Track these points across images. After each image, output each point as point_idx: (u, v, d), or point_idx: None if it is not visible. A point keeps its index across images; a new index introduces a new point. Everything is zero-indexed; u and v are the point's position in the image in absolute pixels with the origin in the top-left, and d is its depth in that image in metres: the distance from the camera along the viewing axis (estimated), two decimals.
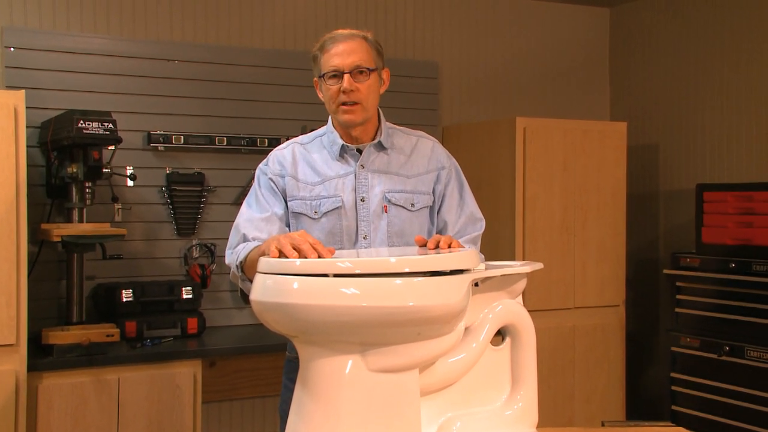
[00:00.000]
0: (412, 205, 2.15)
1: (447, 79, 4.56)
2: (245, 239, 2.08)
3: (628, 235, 4.35)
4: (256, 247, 1.96)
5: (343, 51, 2.07)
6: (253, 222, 2.10)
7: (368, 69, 2.08)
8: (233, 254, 2.07)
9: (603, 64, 5.09)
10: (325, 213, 2.11)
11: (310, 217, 2.12)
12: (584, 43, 5.01)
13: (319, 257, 1.63)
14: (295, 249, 1.66)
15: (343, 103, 2.08)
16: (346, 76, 2.06)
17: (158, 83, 3.76)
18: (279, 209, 2.13)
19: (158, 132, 3.72)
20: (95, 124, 3.16)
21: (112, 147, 3.38)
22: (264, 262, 1.64)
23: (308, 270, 1.56)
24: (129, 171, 3.62)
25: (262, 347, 3.39)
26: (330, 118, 2.20)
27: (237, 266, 2.03)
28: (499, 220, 4.02)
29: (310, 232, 2.08)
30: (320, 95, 2.17)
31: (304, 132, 3.84)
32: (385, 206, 2.12)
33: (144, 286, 3.49)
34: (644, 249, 4.79)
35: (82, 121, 3.13)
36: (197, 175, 3.80)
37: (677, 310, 3.99)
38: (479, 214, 2.25)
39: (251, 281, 1.94)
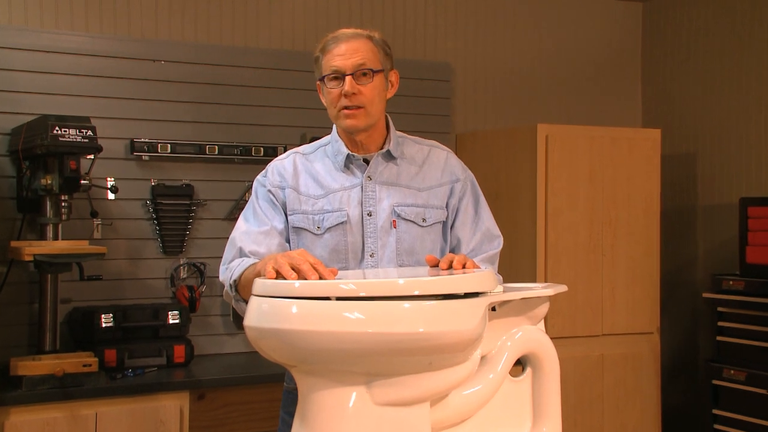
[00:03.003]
0: (424, 220, 2.17)
1: (461, 81, 4.59)
2: (242, 253, 2.10)
3: (663, 254, 4.35)
4: (252, 265, 1.98)
5: (346, 51, 2.10)
6: (250, 235, 2.12)
7: (372, 70, 2.11)
8: (227, 271, 2.09)
9: (634, 64, 5.11)
10: (329, 228, 2.13)
11: (313, 233, 2.14)
12: (613, 41, 5.03)
13: (320, 278, 1.65)
14: (293, 269, 1.68)
15: (345, 108, 2.11)
16: (348, 78, 2.09)
17: (143, 86, 3.79)
18: (279, 223, 2.16)
19: (142, 140, 3.74)
20: (72, 131, 3.18)
21: (91, 156, 3.40)
22: (259, 284, 1.65)
23: (308, 293, 1.57)
24: (110, 183, 3.64)
25: (257, 378, 3.40)
26: (334, 125, 2.23)
27: (230, 285, 2.05)
28: (518, 237, 4.03)
29: (312, 249, 2.10)
30: (323, 100, 2.20)
31: (303, 140, 3.89)
32: (394, 221, 2.15)
33: (125, 310, 3.50)
34: (681, 270, 4.78)
35: (57, 128, 3.16)
36: (185, 188, 3.82)
37: (719, 338, 3.98)
38: (496, 231, 2.27)
39: (246, 301, 1.96)
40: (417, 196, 2.19)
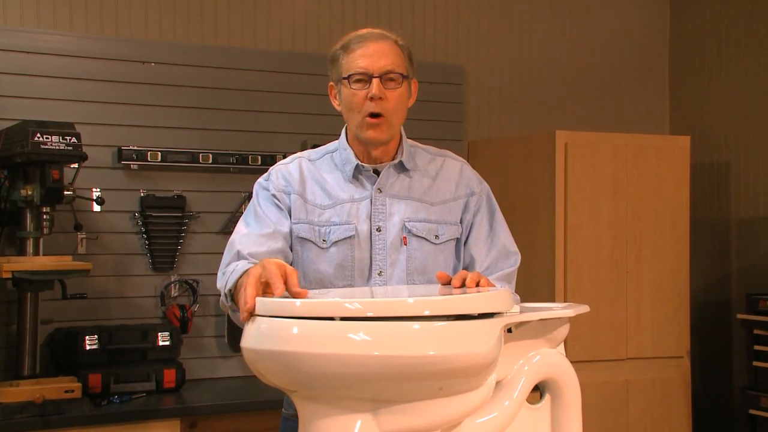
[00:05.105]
0: (437, 236, 2.18)
1: (474, 85, 4.60)
2: (240, 257, 2.07)
3: (693, 271, 4.34)
4: (247, 272, 1.96)
5: (374, 52, 2.10)
6: (251, 237, 2.10)
7: (401, 75, 2.12)
8: (224, 276, 2.05)
9: (661, 65, 5.12)
10: (335, 242, 2.14)
11: (318, 246, 2.15)
12: (638, 40, 5.05)
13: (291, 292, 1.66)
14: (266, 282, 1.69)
15: (370, 115, 2.10)
16: (375, 81, 2.09)
17: (131, 89, 3.81)
18: (284, 227, 2.15)
19: (131, 147, 3.76)
20: (55, 138, 3.21)
21: (76, 165, 3.42)
22: (258, 302, 1.66)
23: (311, 312, 1.58)
24: (95, 194, 3.66)
25: (254, 404, 3.40)
26: (343, 131, 2.23)
27: (226, 294, 2.02)
28: (536, 253, 4.04)
29: (316, 263, 2.12)
30: (335, 104, 2.21)
31: (304, 148, 3.89)
32: (405, 237, 2.16)
33: (111, 331, 3.51)
34: (713, 289, 4.78)
35: (39, 134, 3.18)
36: (177, 199, 3.84)
37: (755, 363, 3.97)
38: (513, 248, 2.27)
39: None
40: (429, 210, 2.20)
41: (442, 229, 2.20)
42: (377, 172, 2.19)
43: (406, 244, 2.16)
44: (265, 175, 2.25)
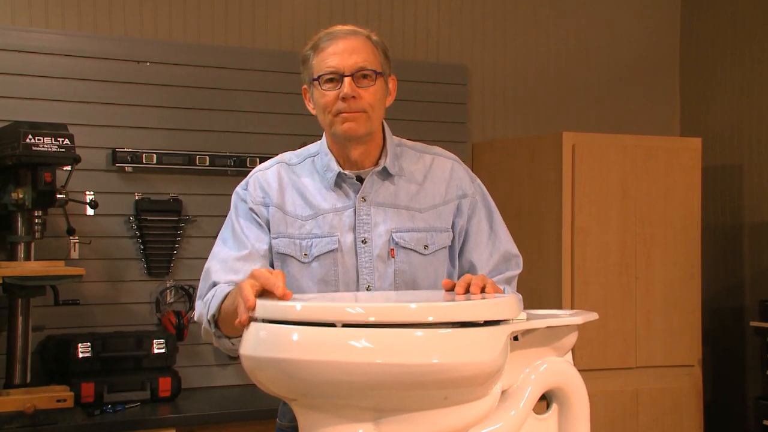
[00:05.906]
0: (426, 247, 2.12)
1: (478, 85, 4.61)
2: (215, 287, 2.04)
3: (705, 277, 4.34)
4: (230, 294, 1.92)
5: (344, 50, 2.06)
6: (227, 263, 2.07)
7: (374, 72, 2.07)
8: (203, 305, 2.03)
9: (672, 66, 5.12)
10: (318, 256, 2.08)
11: (299, 261, 2.09)
12: (648, 40, 5.05)
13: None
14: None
15: (342, 111, 2.05)
16: (347, 80, 2.04)
17: (126, 90, 3.81)
18: (262, 244, 2.10)
19: (125, 149, 3.77)
20: (47, 140, 3.21)
21: (68, 167, 3.42)
22: (259, 306, 1.66)
23: (311, 317, 1.58)
24: (89, 197, 3.66)
25: (251, 413, 3.40)
26: (324, 135, 2.18)
27: (209, 321, 1.99)
28: (542, 258, 4.04)
29: (298, 279, 2.07)
30: (310, 107, 2.16)
31: None
32: (392, 249, 2.10)
33: (105, 338, 3.51)
34: (725, 295, 4.78)
35: (30, 136, 3.19)
36: (173, 203, 3.85)
37: None
38: (515, 250, 2.22)
39: (229, 338, 1.95)
40: (417, 218, 2.13)
41: (432, 238, 2.13)
42: (360, 180, 2.13)
43: (393, 257, 2.10)
44: (243, 183, 2.20)
